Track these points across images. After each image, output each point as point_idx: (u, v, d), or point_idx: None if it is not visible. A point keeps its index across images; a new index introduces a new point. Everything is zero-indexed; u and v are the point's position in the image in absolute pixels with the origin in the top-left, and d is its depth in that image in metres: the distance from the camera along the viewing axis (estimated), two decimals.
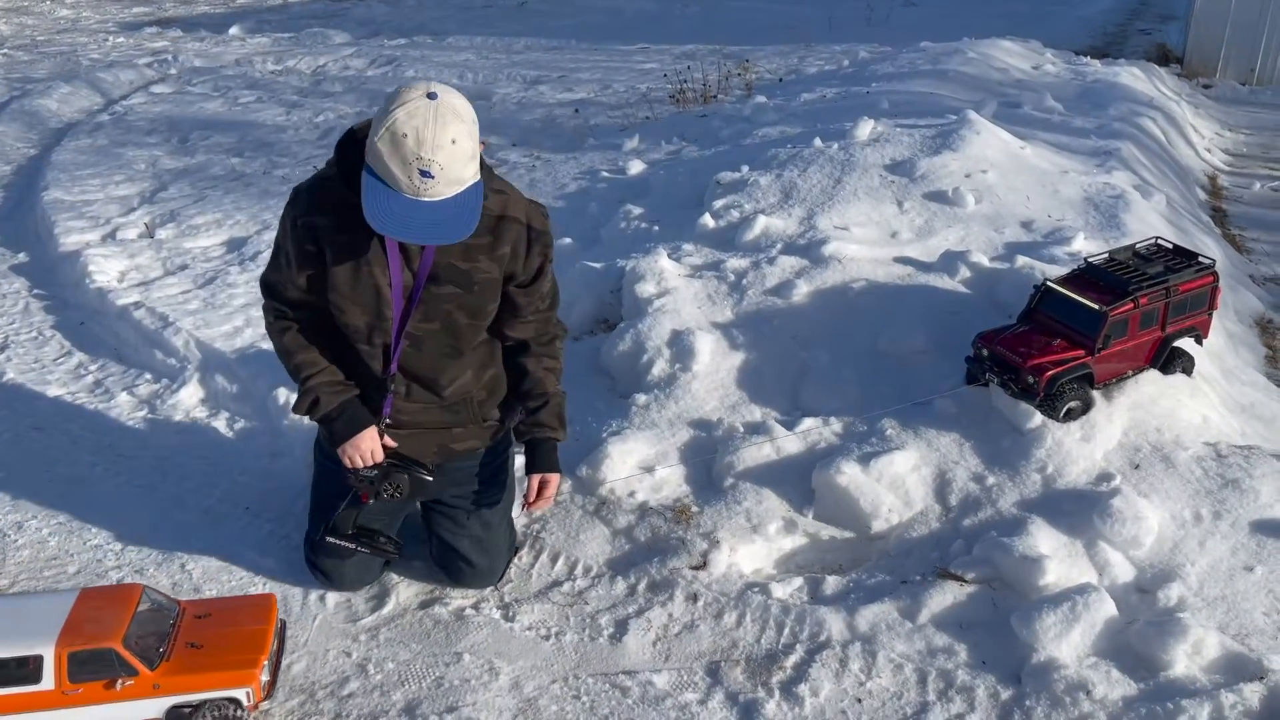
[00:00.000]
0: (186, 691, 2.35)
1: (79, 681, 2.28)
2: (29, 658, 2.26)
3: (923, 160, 4.73)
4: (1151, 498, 2.95)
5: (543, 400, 2.78)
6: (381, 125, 2.22)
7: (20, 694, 2.26)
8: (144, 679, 2.32)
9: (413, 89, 2.26)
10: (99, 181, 6.76)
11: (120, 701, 2.32)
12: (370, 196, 2.27)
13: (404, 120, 2.20)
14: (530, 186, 6.09)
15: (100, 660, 2.28)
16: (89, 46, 13.11)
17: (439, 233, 2.33)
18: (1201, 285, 3.32)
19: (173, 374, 4.23)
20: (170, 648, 2.40)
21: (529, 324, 2.75)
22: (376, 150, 2.24)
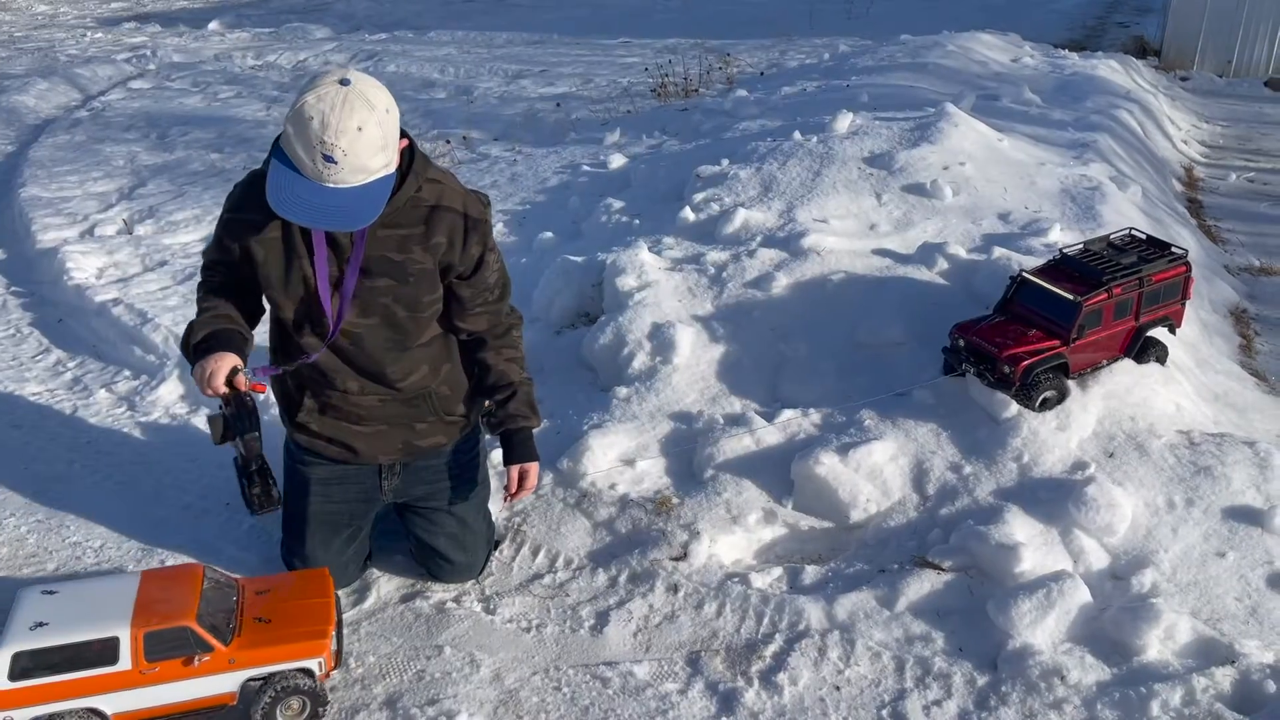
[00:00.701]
0: (260, 664, 2.40)
1: (156, 660, 2.31)
2: (105, 640, 2.29)
3: (901, 153, 4.75)
4: (1125, 485, 2.99)
5: (510, 391, 2.76)
6: (292, 108, 2.22)
7: (99, 676, 2.29)
8: (219, 654, 2.35)
9: (328, 75, 2.24)
10: (77, 178, 6.71)
11: (197, 678, 2.35)
12: (274, 178, 2.26)
13: (312, 104, 2.19)
14: (512, 180, 6.10)
15: (176, 638, 2.32)
16: (67, 42, 13.02)
17: (336, 219, 2.30)
18: (1175, 275, 3.36)
19: (152, 370, 4.21)
20: (239, 623, 2.44)
21: (479, 316, 2.70)
22: (286, 134, 2.25)
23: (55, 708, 2.28)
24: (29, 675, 2.25)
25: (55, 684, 2.27)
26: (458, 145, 7.13)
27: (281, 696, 2.40)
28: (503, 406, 2.77)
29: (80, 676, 2.28)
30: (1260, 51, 10.03)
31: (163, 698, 2.35)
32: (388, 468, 2.84)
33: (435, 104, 8.83)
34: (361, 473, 2.84)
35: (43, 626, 2.29)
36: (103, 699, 2.30)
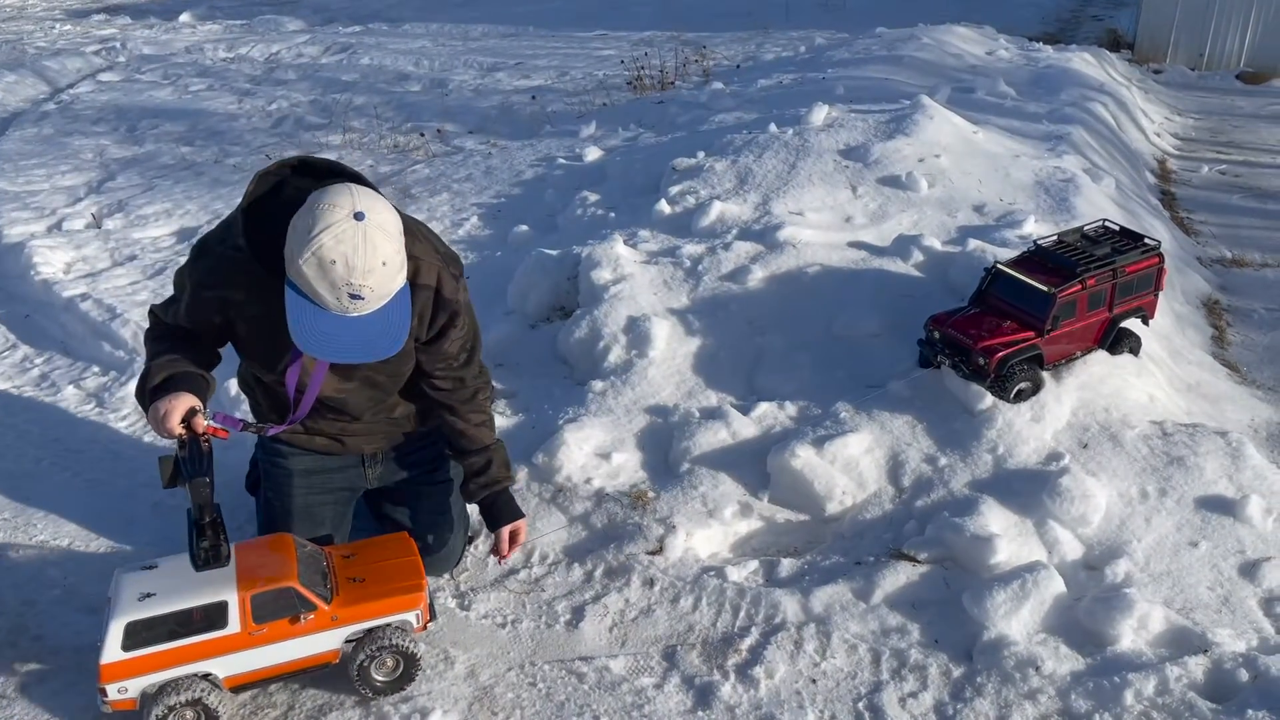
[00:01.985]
0: (362, 620, 2.45)
1: (263, 621, 2.36)
2: (215, 604, 2.32)
3: (877, 145, 4.75)
4: (1099, 476, 3.00)
5: (485, 457, 2.77)
6: (306, 248, 2.13)
7: (210, 640, 2.33)
8: (322, 613, 2.40)
9: (336, 207, 2.15)
10: (45, 171, 6.62)
11: (303, 636, 2.41)
12: (296, 315, 2.23)
13: (331, 246, 2.13)
14: (486, 174, 6.06)
15: (281, 599, 2.36)
16: (35, 34, 12.85)
17: (370, 349, 2.31)
18: (1148, 266, 3.37)
19: (121, 366, 4.16)
20: (336, 583, 2.48)
21: (443, 379, 2.69)
22: (302, 273, 2.17)
23: (169, 675, 2.32)
24: (142, 644, 2.28)
25: (168, 651, 2.31)
26: (432, 138, 7.08)
27: (377, 655, 2.46)
28: (482, 473, 2.78)
29: (192, 642, 2.32)
30: (1232, 44, 10.11)
31: (271, 658, 2.41)
32: (371, 456, 2.86)
33: (410, 97, 8.76)
34: (345, 461, 2.84)
35: (150, 597, 2.32)
36: (214, 663, 2.35)
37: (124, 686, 2.29)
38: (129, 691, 2.30)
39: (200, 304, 2.47)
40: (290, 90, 9.15)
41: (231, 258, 2.39)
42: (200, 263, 2.45)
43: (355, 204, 2.18)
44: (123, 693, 2.30)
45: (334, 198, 2.18)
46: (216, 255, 2.43)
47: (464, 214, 5.40)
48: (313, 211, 2.17)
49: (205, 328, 2.52)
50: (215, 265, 2.43)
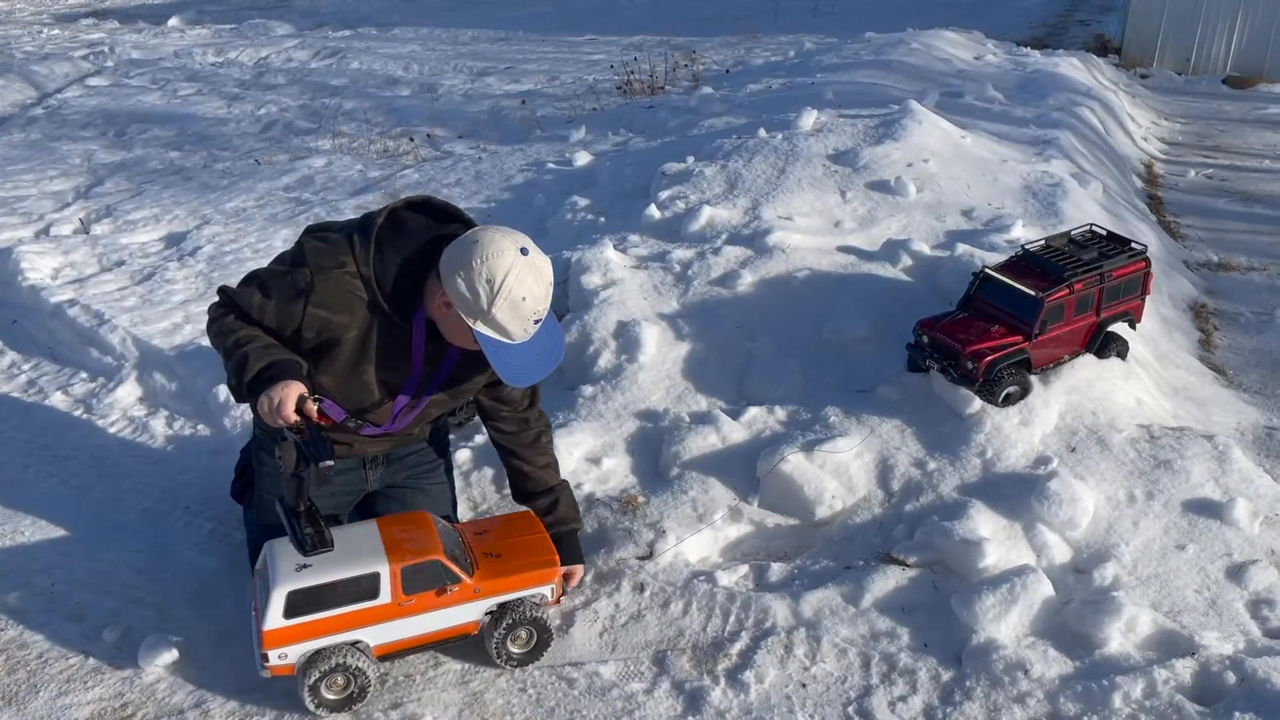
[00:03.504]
0: (502, 592, 2.57)
1: (412, 593, 2.46)
2: (368, 576, 2.41)
3: (865, 150, 4.77)
4: (1087, 480, 3.01)
5: (552, 497, 2.86)
6: (498, 296, 2.30)
7: (363, 610, 2.43)
8: (466, 585, 2.52)
9: (503, 251, 2.31)
10: (32, 176, 6.60)
11: (447, 608, 2.52)
12: (499, 357, 2.39)
13: (516, 286, 2.31)
14: (476, 179, 6.06)
15: (429, 571, 2.47)
16: (22, 39, 12.78)
17: (550, 359, 2.50)
18: (1135, 271, 3.39)
19: (109, 372, 4.14)
20: (474, 558, 2.59)
21: (507, 422, 2.83)
22: (496, 320, 2.34)
23: (323, 642, 2.41)
24: (301, 612, 2.37)
25: (324, 620, 2.40)
26: (422, 143, 7.07)
27: (514, 628, 2.57)
28: (549, 513, 2.85)
29: (346, 611, 2.41)
30: (1218, 49, 10.18)
31: (417, 628, 2.51)
32: (372, 458, 2.87)
33: (399, 101, 8.76)
34: (347, 464, 2.84)
35: (307, 568, 2.40)
36: (365, 631, 2.45)
37: (284, 653, 2.39)
38: (288, 657, 2.40)
39: (296, 315, 2.42)
40: (279, 95, 9.13)
41: (348, 282, 2.42)
42: (316, 279, 2.39)
43: (514, 241, 2.35)
44: (282, 658, 2.40)
45: (496, 241, 2.33)
46: (337, 279, 2.41)
47: None
48: (485, 261, 2.30)
49: (289, 335, 2.48)
50: (336, 289, 2.41)
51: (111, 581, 2.98)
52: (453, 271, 2.33)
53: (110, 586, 2.96)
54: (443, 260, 2.38)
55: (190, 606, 2.88)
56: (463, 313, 2.36)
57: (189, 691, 2.58)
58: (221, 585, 2.97)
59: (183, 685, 2.60)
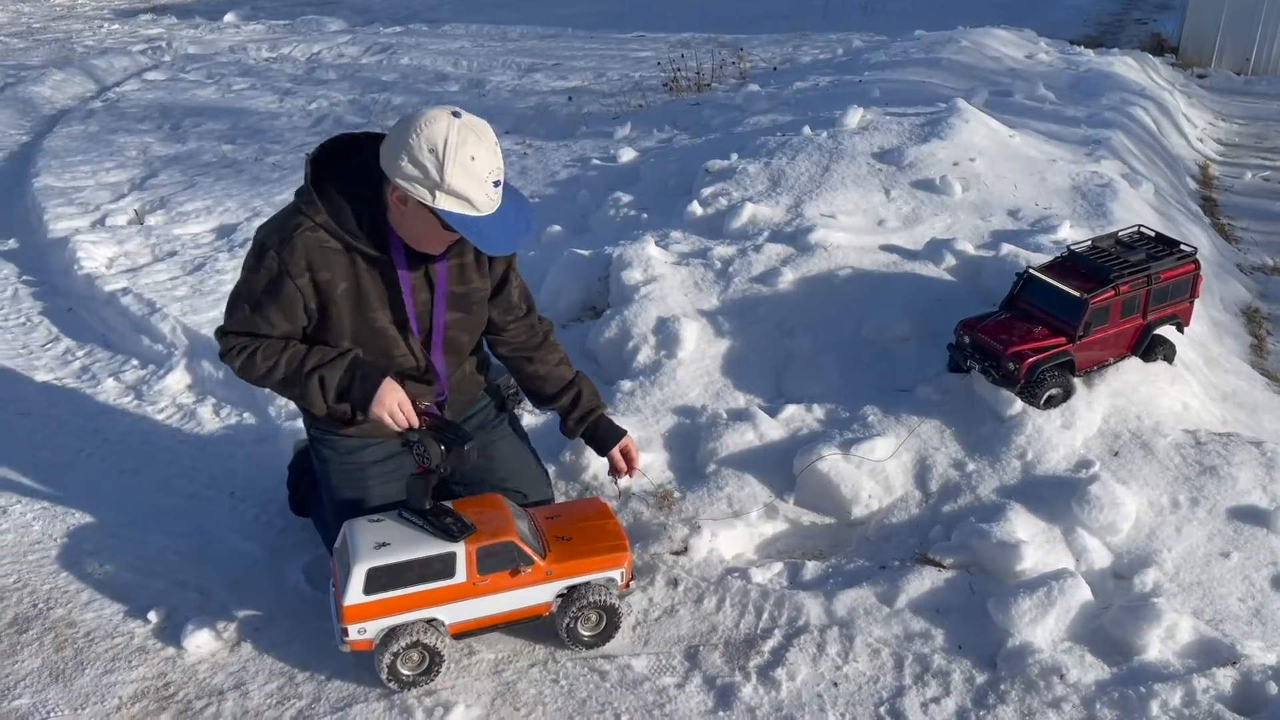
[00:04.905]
0: (574, 575, 2.62)
1: (487, 573, 2.52)
2: (444, 555, 2.48)
3: (911, 148, 4.73)
4: (1130, 484, 2.97)
5: (574, 390, 2.88)
6: (448, 163, 2.24)
7: (439, 588, 2.49)
8: (539, 567, 2.57)
9: (435, 120, 2.26)
10: (90, 168, 6.76)
11: (520, 589, 2.57)
12: (469, 230, 2.31)
13: (460, 146, 2.25)
14: (521, 174, 6.10)
15: (503, 552, 2.52)
16: (84, 33, 13.10)
17: (525, 229, 2.44)
18: (1183, 273, 3.32)
19: (159, 360, 4.24)
20: (546, 541, 2.64)
21: (515, 330, 2.83)
22: (454, 187, 2.26)
23: (402, 619, 2.48)
24: (380, 589, 2.44)
25: (403, 596, 2.46)
26: None
27: (584, 610, 2.63)
28: (575, 407, 2.88)
29: (423, 589, 2.48)
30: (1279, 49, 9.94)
31: (491, 608, 2.56)
32: None
33: (448, 97, 8.85)
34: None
35: (385, 546, 2.47)
36: (441, 609, 2.52)
37: (363, 628, 2.46)
38: (366, 632, 2.47)
39: (292, 297, 2.44)
40: (330, 90, 9.26)
41: (312, 239, 2.41)
42: (283, 254, 2.40)
43: (443, 109, 2.29)
44: (361, 633, 2.46)
45: (424, 113, 2.28)
46: (301, 240, 2.40)
47: None
48: (420, 133, 2.24)
49: (299, 323, 2.53)
50: (305, 249, 2.41)
51: (158, 564, 3.05)
52: (394, 157, 2.27)
53: (156, 569, 3.03)
54: (381, 155, 2.33)
55: (232, 591, 2.94)
56: (419, 197, 2.29)
57: (229, 673, 2.64)
58: (263, 571, 3.03)
59: (223, 667, 2.66)
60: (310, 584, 2.96)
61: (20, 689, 2.59)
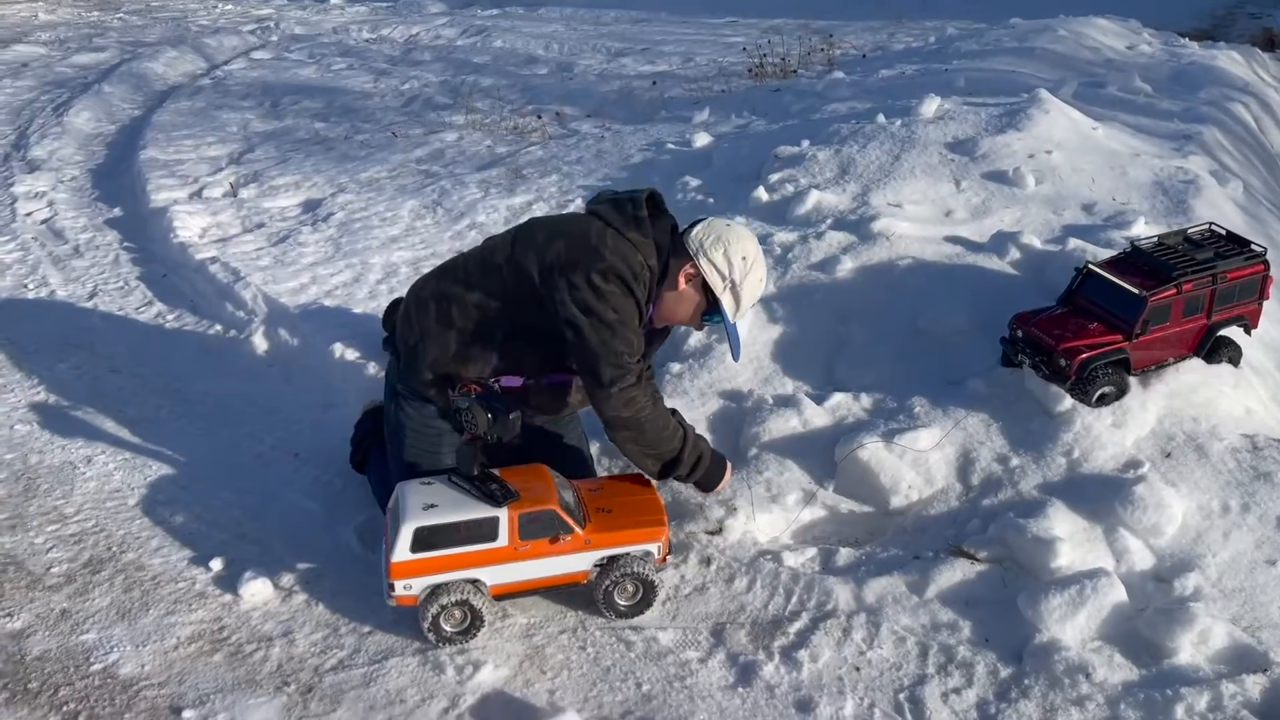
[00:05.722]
0: (612, 546, 2.71)
1: (528, 539, 2.63)
2: (488, 519, 2.60)
3: (985, 139, 4.65)
4: (1179, 486, 2.90)
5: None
6: (749, 270, 2.80)
7: (482, 550, 2.61)
8: (578, 536, 2.67)
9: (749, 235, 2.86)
10: (193, 142, 7.08)
11: (560, 555, 2.68)
12: (731, 330, 2.89)
13: (758, 267, 2.83)
14: (597, 156, 6.18)
15: (544, 520, 2.64)
16: (198, 13, 13.64)
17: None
18: (1252, 273, 3.22)
19: (240, 325, 4.45)
20: (587, 511, 2.75)
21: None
22: (742, 291, 2.83)
23: (445, 578, 2.60)
24: (426, 548, 2.57)
25: (446, 556, 2.59)
26: (550, 121, 7.24)
27: (621, 580, 2.71)
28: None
29: (467, 551, 2.60)
30: None
31: (531, 573, 2.67)
32: None
33: (535, 79, 8.98)
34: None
35: (433, 508, 2.60)
36: (483, 571, 2.63)
37: (409, 584, 2.58)
38: (412, 589, 2.59)
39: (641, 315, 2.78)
40: (424, 71, 9.48)
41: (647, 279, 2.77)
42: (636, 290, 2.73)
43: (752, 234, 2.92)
44: (407, 589, 2.59)
45: (745, 233, 2.86)
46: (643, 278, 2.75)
47: (570, 195, 5.53)
48: (740, 240, 2.81)
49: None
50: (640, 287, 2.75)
51: (223, 517, 3.23)
52: (712, 247, 2.76)
53: (221, 521, 3.21)
54: (698, 237, 2.80)
55: (289, 545, 3.10)
56: (714, 283, 2.77)
57: (279, 621, 2.79)
58: (319, 528, 3.18)
59: (274, 615, 2.81)
60: (361, 543, 3.10)
61: (89, 624, 2.78)
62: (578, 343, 2.72)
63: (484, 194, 5.67)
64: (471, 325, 2.84)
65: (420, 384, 2.90)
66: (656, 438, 2.82)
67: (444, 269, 3.01)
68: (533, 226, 2.92)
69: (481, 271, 2.86)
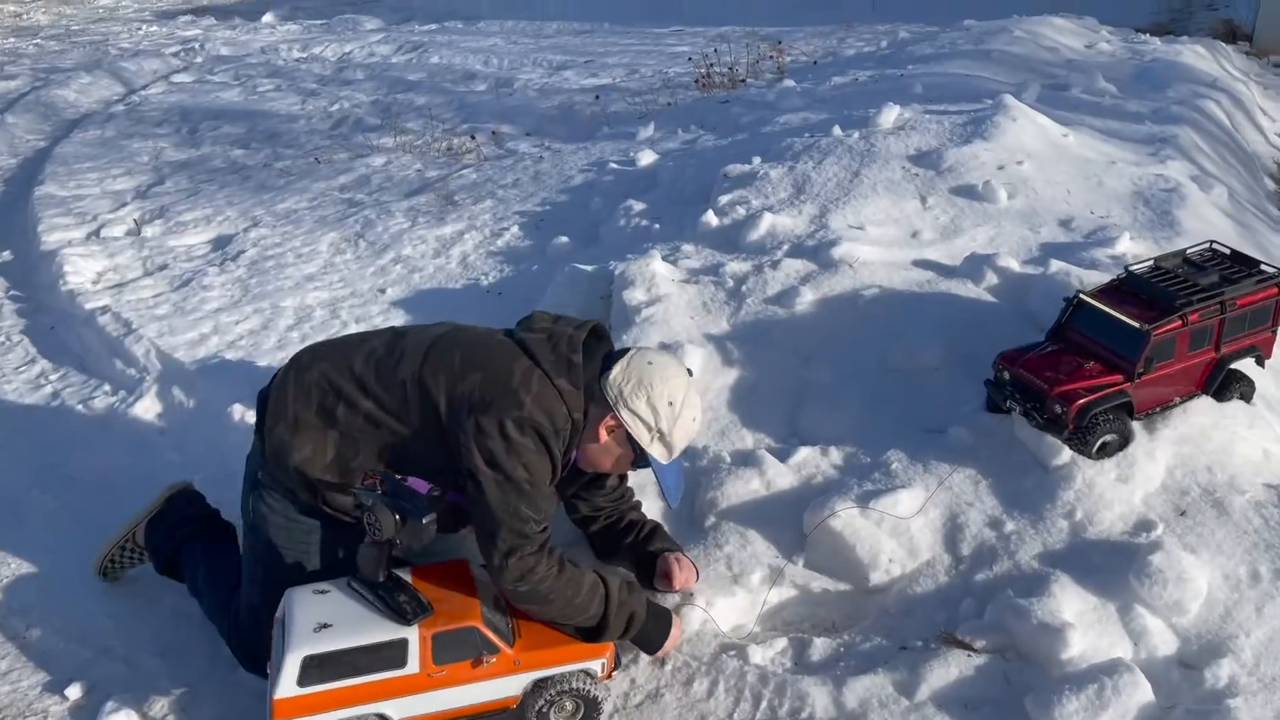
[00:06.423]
0: (546, 666, 2.30)
1: (445, 663, 2.20)
2: (394, 642, 2.17)
3: (951, 150, 4.28)
4: (1200, 552, 2.51)
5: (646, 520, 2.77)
6: (678, 415, 2.37)
7: (387, 679, 2.17)
8: (505, 656, 2.26)
9: (676, 371, 2.41)
10: (97, 175, 6.56)
11: (483, 680, 2.25)
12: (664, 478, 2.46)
13: (688, 405, 2.39)
14: (535, 179, 5.74)
15: (464, 639, 2.22)
16: (121, 36, 13.06)
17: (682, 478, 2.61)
18: (1264, 298, 2.85)
19: (131, 385, 3.96)
20: (515, 622, 2.35)
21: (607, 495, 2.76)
22: (671, 439, 2.38)
23: (343, 714, 2.17)
24: (318, 680, 2.14)
25: (344, 689, 2.16)
26: (485, 141, 6.79)
27: (557, 699, 2.31)
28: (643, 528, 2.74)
29: (369, 681, 2.17)
30: None
31: (449, 701, 2.25)
32: None
33: (472, 97, 8.53)
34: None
35: (327, 628, 2.17)
36: (390, 704, 2.20)
37: None
38: None
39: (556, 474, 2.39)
40: (354, 90, 9.01)
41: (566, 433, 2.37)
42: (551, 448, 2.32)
43: (679, 362, 2.49)
44: None
45: (670, 370, 2.40)
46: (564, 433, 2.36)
47: (505, 223, 5.08)
48: (665, 382, 2.36)
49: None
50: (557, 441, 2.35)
51: (88, 628, 2.76)
52: (634, 392, 2.34)
53: (85, 634, 2.74)
54: (616, 384, 2.36)
55: (164, 662, 2.64)
56: (639, 436, 2.36)
57: None
58: (198, 639, 2.71)
59: None
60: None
61: None
62: (477, 498, 2.28)
63: (411, 223, 5.20)
64: (357, 434, 2.40)
65: (285, 477, 2.43)
66: (566, 608, 2.34)
67: (341, 350, 2.53)
68: (450, 345, 2.43)
69: (381, 382, 2.40)
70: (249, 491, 2.57)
